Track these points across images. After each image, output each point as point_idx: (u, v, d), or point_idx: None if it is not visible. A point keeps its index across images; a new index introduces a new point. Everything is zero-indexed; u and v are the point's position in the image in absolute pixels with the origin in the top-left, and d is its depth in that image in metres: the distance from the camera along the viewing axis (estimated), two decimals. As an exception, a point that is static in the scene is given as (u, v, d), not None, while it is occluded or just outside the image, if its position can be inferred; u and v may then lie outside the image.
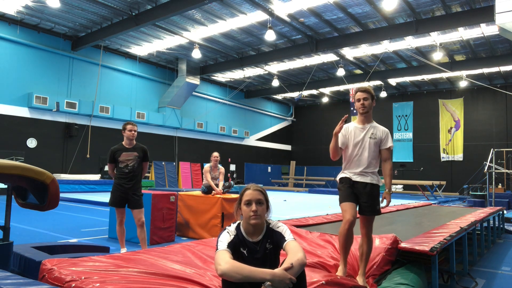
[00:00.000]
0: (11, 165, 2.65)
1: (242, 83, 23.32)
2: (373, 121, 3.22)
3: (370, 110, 3.15)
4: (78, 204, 11.66)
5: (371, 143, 3.08)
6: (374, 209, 3.05)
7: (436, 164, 23.65)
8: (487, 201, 12.17)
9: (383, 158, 3.12)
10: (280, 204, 13.22)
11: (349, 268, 3.07)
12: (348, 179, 3.09)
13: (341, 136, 3.15)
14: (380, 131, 3.14)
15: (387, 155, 3.12)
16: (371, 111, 3.17)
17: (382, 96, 23.99)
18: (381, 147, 3.11)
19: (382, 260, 3.13)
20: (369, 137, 3.09)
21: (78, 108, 16.59)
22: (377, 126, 3.18)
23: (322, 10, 13.76)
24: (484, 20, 12.98)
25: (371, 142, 3.08)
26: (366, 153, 3.07)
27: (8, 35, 14.84)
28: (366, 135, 3.10)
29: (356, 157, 3.09)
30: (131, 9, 13.83)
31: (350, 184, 3.07)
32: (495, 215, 6.73)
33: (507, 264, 4.99)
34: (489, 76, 20.68)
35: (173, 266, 2.63)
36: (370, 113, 3.18)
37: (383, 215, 6.21)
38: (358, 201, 3.07)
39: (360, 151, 3.08)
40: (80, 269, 2.31)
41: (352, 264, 3.16)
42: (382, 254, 3.17)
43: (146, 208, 5.54)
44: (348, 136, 3.14)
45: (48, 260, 2.44)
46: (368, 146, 3.07)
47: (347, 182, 3.09)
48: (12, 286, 1.67)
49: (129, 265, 2.51)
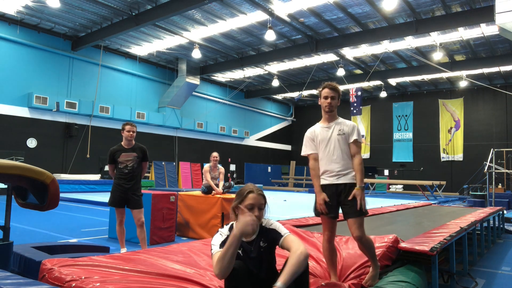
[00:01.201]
0: (11, 165, 2.65)
1: (242, 83, 23.32)
2: (338, 118, 3.06)
3: (335, 109, 3.01)
4: (78, 204, 11.66)
5: (340, 140, 2.94)
6: (358, 210, 2.82)
7: (436, 164, 23.65)
8: (487, 201, 12.17)
9: (352, 152, 2.94)
10: (280, 204, 13.22)
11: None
12: (325, 187, 2.93)
13: (310, 142, 3.03)
14: (347, 126, 2.99)
15: (355, 150, 2.95)
16: (336, 110, 3.03)
17: (382, 96, 24.00)
18: (348, 141, 2.95)
19: (382, 255, 3.11)
20: (337, 134, 2.95)
21: (78, 108, 16.59)
22: (343, 122, 3.03)
23: (322, 10, 13.76)
24: (484, 20, 12.98)
25: (340, 139, 2.94)
26: (338, 151, 2.92)
27: (8, 35, 14.84)
28: (333, 133, 2.96)
29: (328, 158, 2.94)
30: (131, 9, 13.83)
31: (332, 192, 2.91)
32: (495, 215, 6.72)
33: (507, 264, 4.99)
34: (489, 76, 20.68)
35: (173, 266, 2.63)
36: (335, 111, 3.04)
37: (383, 215, 6.22)
38: (339, 205, 2.93)
39: (331, 151, 2.94)
40: (80, 269, 2.31)
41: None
42: (383, 250, 3.16)
43: (146, 208, 5.54)
44: (317, 140, 3.01)
45: (48, 260, 2.44)
46: (338, 144, 2.93)
47: (325, 190, 2.93)
48: (12, 286, 1.67)
49: (129, 265, 2.51)
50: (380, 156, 25.88)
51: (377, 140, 26.16)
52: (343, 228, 3.78)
